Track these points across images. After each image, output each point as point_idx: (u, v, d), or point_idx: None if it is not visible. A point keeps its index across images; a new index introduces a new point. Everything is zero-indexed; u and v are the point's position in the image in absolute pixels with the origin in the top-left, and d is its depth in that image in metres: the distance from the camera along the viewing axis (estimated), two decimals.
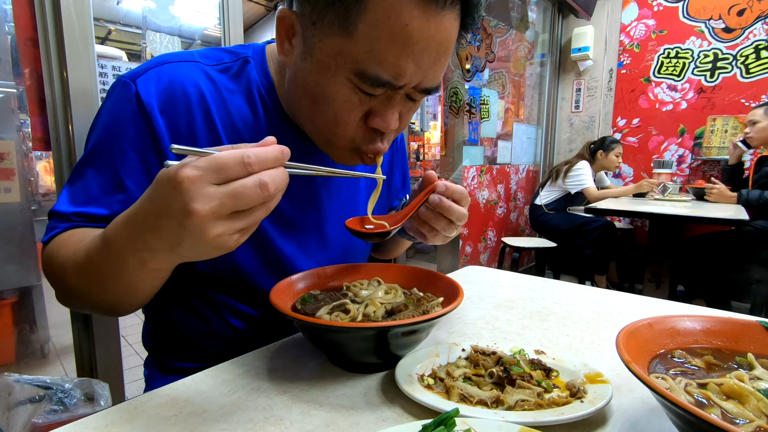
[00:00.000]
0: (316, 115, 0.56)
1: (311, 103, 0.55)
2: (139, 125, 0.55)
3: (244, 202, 0.36)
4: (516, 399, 0.44)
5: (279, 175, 0.38)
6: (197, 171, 0.35)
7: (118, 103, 0.56)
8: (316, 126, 0.58)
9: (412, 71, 0.49)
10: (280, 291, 0.57)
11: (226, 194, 0.35)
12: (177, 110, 0.57)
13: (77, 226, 0.55)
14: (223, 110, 0.60)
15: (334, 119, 0.53)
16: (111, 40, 3.62)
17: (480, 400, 0.44)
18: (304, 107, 0.57)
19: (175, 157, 0.39)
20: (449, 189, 0.57)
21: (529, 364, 0.51)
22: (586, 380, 0.48)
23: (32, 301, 1.37)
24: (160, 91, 0.56)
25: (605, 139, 3.24)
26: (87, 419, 0.43)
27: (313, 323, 0.48)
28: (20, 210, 1.11)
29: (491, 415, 0.41)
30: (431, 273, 0.65)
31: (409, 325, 0.47)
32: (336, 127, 0.54)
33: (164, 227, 0.37)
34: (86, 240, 0.50)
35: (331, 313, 0.53)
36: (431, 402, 0.43)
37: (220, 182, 0.35)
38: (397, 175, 0.90)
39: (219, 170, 0.35)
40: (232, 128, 0.60)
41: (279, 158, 0.38)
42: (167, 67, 0.58)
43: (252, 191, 0.36)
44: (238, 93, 0.61)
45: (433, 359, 0.53)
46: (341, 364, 0.55)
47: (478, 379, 0.48)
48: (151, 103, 0.55)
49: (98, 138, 0.57)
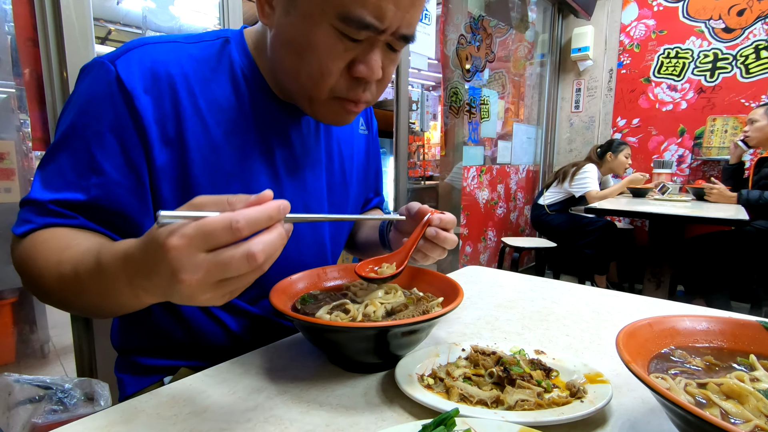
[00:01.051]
0: (300, 69, 0.56)
1: (296, 57, 0.55)
2: (119, 107, 0.54)
3: (232, 272, 0.35)
4: (516, 399, 0.44)
5: (271, 241, 0.35)
6: (184, 240, 0.34)
7: (95, 84, 0.55)
8: (300, 83, 0.58)
9: (393, 12, 0.51)
10: (279, 291, 0.57)
11: (213, 264, 0.34)
12: (161, 90, 0.56)
13: (54, 222, 0.53)
14: (207, 89, 0.60)
15: (318, 70, 0.54)
16: (111, 40, 3.62)
17: (480, 400, 0.44)
18: (288, 65, 0.57)
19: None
20: (443, 221, 0.60)
21: (529, 364, 0.51)
22: (586, 380, 0.48)
23: (32, 301, 1.37)
24: (144, 71, 0.56)
25: (612, 141, 3.25)
26: (87, 419, 0.43)
27: (313, 323, 0.48)
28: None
29: (491, 414, 0.41)
30: (431, 273, 0.65)
31: (409, 325, 0.47)
32: (320, 78, 0.55)
33: (156, 282, 0.37)
34: (71, 251, 0.49)
35: (330, 313, 0.53)
36: (431, 402, 0.43)
37: (209, 249, 0.34)
38: (372, 169, 0.91)
39: (206, 238, 0.34)
40: (217, 107, 0.60)
41: (274, 216, 0.35)
42: (149, 48, 0.58)
43: (239, 263, 0.34)
44: (221, 71, 0.62)
45: (433, 359, 0.53)
46: (341, 364, 0.55)
47: (478, 379, 0.48)
48: (133, 84, 0.54)
49: (72, 121, 0.55)
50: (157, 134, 0.56)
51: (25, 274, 0.54)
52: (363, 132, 0.86)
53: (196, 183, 0.59)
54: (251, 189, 0.62)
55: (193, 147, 0.58)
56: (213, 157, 0.60)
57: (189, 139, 0.58)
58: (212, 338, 0.67)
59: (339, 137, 0.79)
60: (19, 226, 0.54)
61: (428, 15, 2.19)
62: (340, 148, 0.78)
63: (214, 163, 0.60)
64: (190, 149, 0.58)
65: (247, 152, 0.62)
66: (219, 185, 0.60)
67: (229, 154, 0.61)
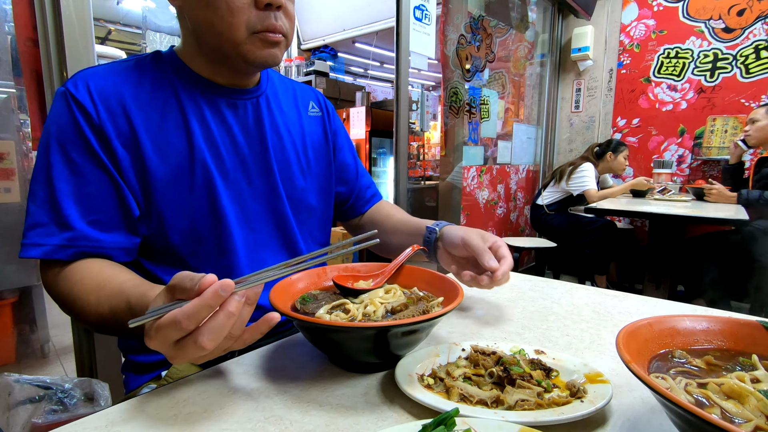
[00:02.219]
0: (214, 19, 0.63)
1: (206, 8, 0.63)
2: (78, 117, 0.62)
3: (193, 355, 0.41)
4: (516, 399, 0.44)
5: (217, 326, 0.40)
6: (153, 334, 0.41)
7: (57, 106, 0.64)
8: (218, 33, 0.64)
9: None
10: (279, 290, 0.57)
11: (178, 351, 0.41)
12: (107, 95, 0.65)
13: (84, 251, 0.61)
14: (145, 89, 0.68)
15: (227, 8, 0.62)
16: (111, 40, 3.62)
17: (480, 400, 0.44)
18: (204, 20, 0.64)
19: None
20: (498, 282, 0.66)
21: (529, 364, 0.50)
22: (586, 380, 0.48)
23: (32, 301, 1.37)
24: (88, 86, 0.64)
25: (611, 141, 3.23)
26: (87, 419, 0.43)
27: (313, 323, 0.48)
28: (20, 210, 1.11)
29: (491, 414, 0.41)
30: (431, 273, 0.65)
31: (409, 324, 0.47)
32: (232, 17, 0.62)
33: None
34: (106, 292, 0.56)
35: (330, 313, 0.53)
36: (431, 402, 0.43)
37: (169, 341, 0.40)
38: (342, 154, 0.93)
39: (166, 335, 0.40)
40: (156, 101, 0.68)
41: (213, 305, 0.40)
42: (89, 70, 0.68)
43: (193, 350, 0.40)
44: (155, 74, 0.70)
45: (433, 359, 0.53)
46: (341, 364, 0.55)
47: (477, 378, 0.48)
48: (81, 96, 0.63)
49: (51, 143, 0.62)
50: (114, 132, 0.63)
51: (65, 307, 0.61)
52: (315, 114, 0.89)
53: (151, 172, 0.65)
54: (201, 168, 0.69)
55: (144, 136, 0.65)
56: (163, 141, 0.67)
57: (139, 130, 0.65)
58: None
59: (285, 117, 0.82)
60: (59, 252, 0.60)
61: (428, 15, 2.19)
62: (287, 126, 0.81)
63: (165, 147, 0.67)
64: (142, 139, 0.65)
65: (193, 132, 0.69)
66: (173, 168, 0.67)
67: (177, 137, 0.68)
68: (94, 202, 0.62)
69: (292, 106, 0.84)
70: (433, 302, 0.57)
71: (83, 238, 0.61)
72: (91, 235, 0.61)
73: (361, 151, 4.27)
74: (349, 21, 4.20)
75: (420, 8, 2.12)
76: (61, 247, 0.60)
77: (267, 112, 0.78)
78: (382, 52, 6.25)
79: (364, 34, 4.38)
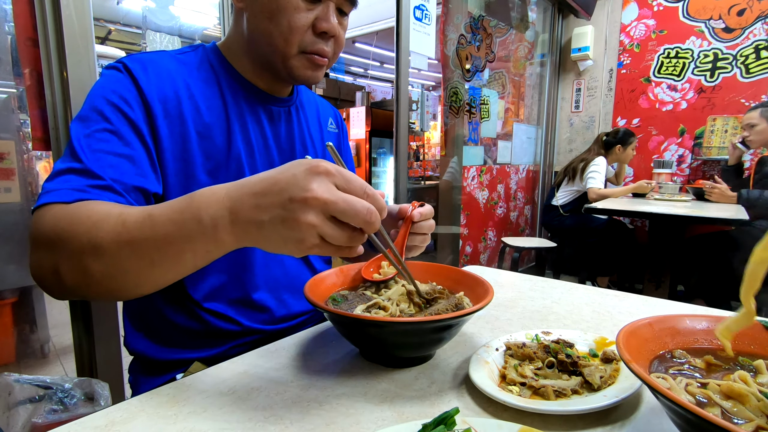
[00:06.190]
0: (273, 31, 0.67)
1: (269, 21, 0.67)
2: (128, 87, 0.63)
3: (350, 213, 0.40)
4: (598, 376, 0.47)
5: (378, 219, 0.42)
6: (333, 170, 0.41)
7: (107, 76, 0.65)
8: (274, 44, 0.68)
9: None
10: (312, 287, 0.58)
11: (342, 197, 0.40)
12: (161, 79, 0.67)
13: (110, 197, 0.55)
14: (195, 82, 0.71)
15: (288, 27, 0.66)
16: (111, 40, 3.61)
17: (572, 390, 0.46)
18: (263, 29, 0.68)
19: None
20: (423, 214, 0.68)
21: (566, 346, 0.54)
22: (596, 345, 0.55)
23: (32, 301, 1.37)
24: (145, 66, 0.67)
25: (618, 131, 3.19)
26: (87, 419, 0.43)
27: (370, 320, 0.48)
28: (20, 210, 1.11)
29: (579, 401, 0.44)
30: (457, 270, 0.67)
31: (454, 318, 0.48)
32: (290, 34, 0.67)
33: (270, 195, 0.41)
34: (135, 209, 0.48)
35: (369, 311, 0.55)
36: (540, 407, 0.42)
37: (343, 191, 0.41)
38: (347, 164, 0.95)
39: (347, 181, 0.41)
40: (204, 95, 0.71)
41: (384, 208, 0.43)
42: (144, 54, 0.70)
43: (360, 207, 0.40)
44: (203, 70, 0.73)
45: (484, 365, 0.52)
46: (377, 359, 0.56)
47: (546, 371, 0.50)
48: (138, 73, 0.65)
49: (96, 104, 0.61)
50: (161, 111, 0.65)
51: (64, 234, 0.49)
52: (333, 129, 0.95)
53: (193, 158, 0.67)
54: (235, 165, 0.72)
55: (191, 125, 0.68)
56: (206, 134, 0.69)
57: (187, 118, 0.67)
58: (225, 327, 0.71)
59: (310, 130, 0.87)
60: (66, 195, 0.52)
61: (428, 15, 2.19)
62: (312, 139, 0.86)
63: (207, 139, 0.69)
64: (188, 126, 0.67)
65: (233, 132, 0.72)
66: (212, 160, 0.69)
67: (218, 133, 0.71)
68: (121, 166, 0.59)
69: (315, 120, 0.90)
70: (454, 297, 0.58)
71: (106, 187, 0.56)
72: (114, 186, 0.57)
73: (361, 150, 4.26)
74: (349, 21, 4.20)
75: (420, 8, 2.12)
76: (77, 190, 0.53)
77: (297, 123, 0.83)
78: (382, 51, 6.25)
79: (364, 34, 4.38)
